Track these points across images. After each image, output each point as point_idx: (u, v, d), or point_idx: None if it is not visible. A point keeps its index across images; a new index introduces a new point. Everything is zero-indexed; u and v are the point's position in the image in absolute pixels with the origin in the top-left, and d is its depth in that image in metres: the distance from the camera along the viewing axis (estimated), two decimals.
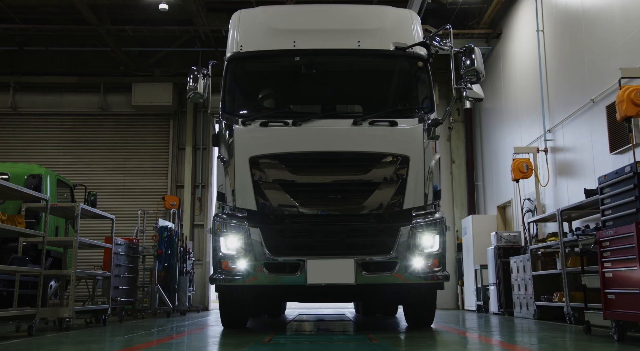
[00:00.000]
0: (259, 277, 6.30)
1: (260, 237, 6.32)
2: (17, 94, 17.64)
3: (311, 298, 7.64)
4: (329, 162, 6.39)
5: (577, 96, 10.24)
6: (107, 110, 17.76)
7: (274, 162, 6.35)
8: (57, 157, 17.49)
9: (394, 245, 6.38)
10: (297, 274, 6.27)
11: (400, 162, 6.42)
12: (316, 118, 6.56)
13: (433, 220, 6.53)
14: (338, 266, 6.27)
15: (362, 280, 6.29)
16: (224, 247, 6.42)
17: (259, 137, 6.46)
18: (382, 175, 6.39)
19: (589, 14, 9.87)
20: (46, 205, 7.40)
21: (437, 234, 6.52)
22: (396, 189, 6.40)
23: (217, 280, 6.44)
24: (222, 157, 6.70)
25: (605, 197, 6.04)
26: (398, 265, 6.38)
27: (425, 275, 6.42)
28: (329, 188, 6.39)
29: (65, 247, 8.70)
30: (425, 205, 6.51)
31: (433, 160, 6.67)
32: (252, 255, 6.33)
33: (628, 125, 7.80)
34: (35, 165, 11.36)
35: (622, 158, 8.51)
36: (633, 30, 8.38)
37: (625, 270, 5.44)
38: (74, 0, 13.89)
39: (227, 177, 6.55)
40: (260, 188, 6.34)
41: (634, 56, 8.28)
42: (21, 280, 7.54)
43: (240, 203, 6.39)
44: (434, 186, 6.62)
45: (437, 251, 6.50)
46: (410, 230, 6.42)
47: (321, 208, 6.38)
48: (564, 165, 11.03)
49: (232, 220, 6.43)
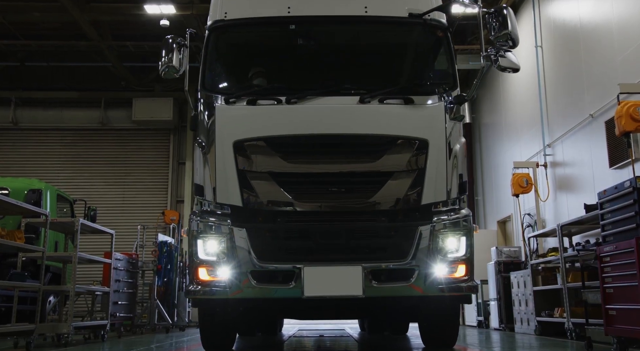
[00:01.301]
0: (245, 289, 5.19)
1: (246, 239, 5.23)
2: (18, 109, 17.71)
3: (309, 315, 6.53)
4: (331, 148, 5.34)
5: (576, 111, 10.28)
6: (107, 125, 17.82)
7: (264, 147, 5.28)
8: (57, 171, 17.51)
9: (410, 249, 5.25)
10: (292, 285, 5.15)
11: (417, 148, 5.31)
12: (315, 95, 5.44)
13: (458, 217, 5.43)
14: (342, 274, 5.20)
15: (372, 292, 5.15)
16: (202, 251, 5.31)
17: (245, 117, 5.39)
18: (395, 163, 5.30)
19: (586, 30, 9.95)
20: (46, 220, 7.39)
21: (464, 235, 5.42)
22: (412, 180, 5.29)
23: (194, 292, 5.29)
24: (200, 142, 5.58)
25: (605, 212, 6.04)
26: (416, 273, 5.24)
27: (450, 286, 5.30)
28: (331, 180, 5.33)
29: (65, 262, 8.68)
30: (448, 199, 5.40)
31: (457, 145, 5.56)
32: (236, 261, 5.20)
33: (627, 140, 7.83)
34: (35, 180, 11.37)
35: (622, 173, 8.53)
36: (631, 47, 8.44)
37: (626, 285, 5.42)
38: (75, 16, 14.00)
39: (206, 166, 5.44)
40: (247, 179, 5.25)
41: (632, 72, 8.34)
42: (20, 295, 7.51)
43: (221, 197, 5.30)
44: (458, 176, 5.49)
45: (463, 256, 5.37)
46: (431, 230, 5.30)
47: (321, 203, 5.32)
48: (563, 180, 11.04)
49: (212, 219, 5.35)
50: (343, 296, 5.19)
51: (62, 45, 16.28)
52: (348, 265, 5.21)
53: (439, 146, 5.34)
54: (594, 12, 9.72)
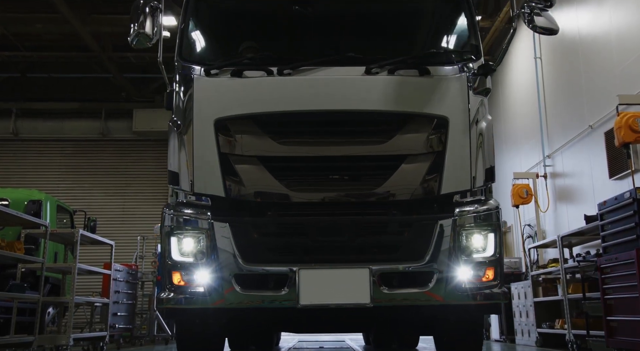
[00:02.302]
0: (228, 297, 4.34)
1: (229, 237, 4.41)
2: (19, 120, 17.75)
3: (305, 327, 5.55)
4: (332, 127, 4.52)
5: (576, 122, 10.31)
6: (107, 136, 17.85)
7: (251, 126, 4.45)
8: (58, 182, 17.52)
9: (427, 248, 4.42)
10: (284, 291, 4.30)
11: (435, 127, 4.49)
12: (313, 65, 4.59)
13: (485, 210, 4.59)
14: (345, 279, 4.35)
15: (382, 300, 4.31)
16: (176, 251, 4.47)
17: (229, 91, 4.57)
18: (408, 146, 4.48)
19: (585, 41, 10.00)
20: (46, 231, 7.39)
21: (491, 231, 4.58)
22: (429, 165, 4.46)
23: (166, 301, 4.40)
24: (176, 121, 4.81)
25: (605, 223, 6.04)
26: (434, 277, 4.39)
27: (476, 293, 4.44)
28: (331, 165, 4.50)
29: (64, 273, 8.66)
30: (473, 188, 4.57)
31: (483, 123, 4.70)
32: (217, 263, 4.37)
33: (627, 151, 7.84)
34: (35, 190, 11.38)
35: (622, 184, 8.53)
36: (630, 58, 8.48)
37: (627, 296, 5.41)
38: (76, 28, 14.08)
39: (182, 149, 4.64)
40: (230, 165, 4.43)
41: (631, 83, 8.37)
42: (19, 306, 7.49)
43: (200, 186, 4.49)
44: (484, 161, 4.63)
45: (491, 256, 4.51)
46: (452, 225, 4.48)
47: (320, 193, 4.48)
48: (563, 190, 11.05)
49: (189, 212, 4.55)
50: (347, 305, 4.33)
51: (63, 56, 16.35)
52: (353, 267, 4.37)
53: (460, 124, 4.53)
54: (592, 23, 9.78)
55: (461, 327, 5.05)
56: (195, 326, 4.93)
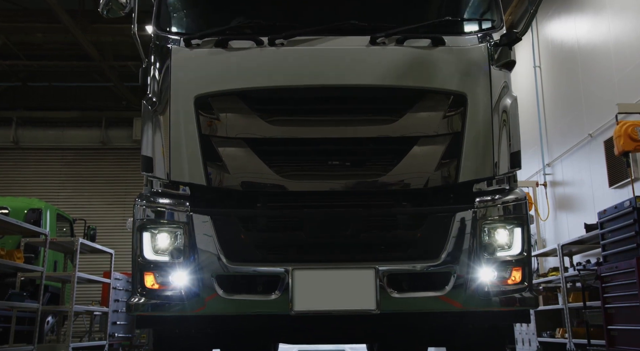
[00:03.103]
0: (210, 303, 3.77)
1: (211, 232, 3.84)
2: (19, 129, 17.79)
3: (299, 337, 4.68)
4: (332, 105, 3.96)
5: (575, 131, 10.33)
6: (108, 144, 17.88)
7: (238, 104, 3.91)
8: (58, 191, 17.53)
9: (443, 245, 3.83)
10: (275, 295, 3.71)
11: (451, 105, 3.94)
12: (310, 34, 3.98)
13: (510, 201, 3.99)
14: (347, 281, 3.76)
15: (390, 306, 3.71)
16: (149, 248, 3.89)
17: (212, 64, 4.00)
18: (420, 126, 3.91)
19: (584, 50, 10.04)
20: (45, 240, 7.39)
21: (518, 225, 3.96)
22: (445, 149, 3.90)
23: (136, 307, 3.79)
24: (150, 98, 4.19)
25: (606, 231, 6.05)
26: (452, 279, 3.79)
27: (500, 298, 3.81)
28: (331, 148, 3.94)
29: (64, 281, 8.65)
30: (496, 175, 4.01)
31: (507, 101, 4.16)
32: (197, 263, 3.80)
33: (626, 160, 7.86)
34: (35, 199, 11.39)
35: (622, 192, 8.54)
36: (628, 67, 8.52)
37: (628, 305, 5.40)
38: (77, 37, 14.14)
39: (157, 131, 4.01)
40: (213, 148, 3.89)
41: (630, 92, 8.40)
42: (18, 315, 7.47)
43: (177, 173, 3.92)
44: (509, 144, 4.13)
45: (518, 255, 3.90)
46: (473, 218, 3.88)
47: (318, 181, 3.92)
48: (563, 199, 11.05)
49: (164, 203, 3.95)
50: (348, 311, 3.72)
51: (64, 65, 16.41)
52: (356, 267, 3.78)
53: (481, 102, 3.99)
54: (591, 33, 9.82)
55: (482, 338, 4.33)
56: (175, 337, 4.25)
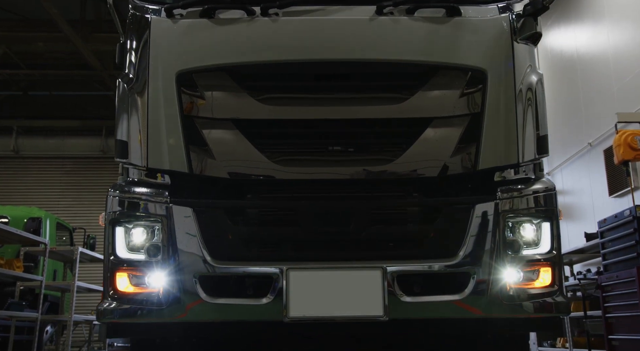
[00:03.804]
0: (192, 308, 3.28)
1: (194, 226, 3.36)
2: (20, 138, 17.82)
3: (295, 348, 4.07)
4: (333, 82, 3.49)
5: (575, 140, 10.35)
6: (108, 153, 17.89)
7: (226, 82, 3.45)
8: (58, 199, 17.53)
9: (461, 241, 3.36)
10: (267, 299, 3.23)
11: (469, 82, 3.48)
12: (307, 4, 3.59)
13: (538, 191, 3.53)
14: (350, 282, 3.26)
15: (400, 312, 3.23)
16: (122, 246, 3.43)
17: (197, 36, 3.56)
18: (434, 106, 3.46)
19: (584, 59, 10.07)
20: (45, 249, 7.38)
21: (546, 219, 3.49)
22: (462, 132, 3.45)
23: (107, 313, 3.31)
24: (127, 74, 3.68)
25: (606, 240, 6.04)
26: (471, 280, 3.32)
27: (527, 303, 3.34)
28: (333, 131, 3.48)
29: (63, 291, 8.63)
30: (521, 163, 3.53)
31: (532, 78, 3.63)
32: (177, 262, 3.33)
33: (626, 169, 7.86)
34: (35, 208, 11.38)
35: (622, 201, 8.53)
36: (627, 76, 8.54)
37: (629, 315, 5.39)
38: (78, 46, 14.19)
39: (134, 111, 3.55)
40: (197, 130, 3.43)
41: (629, 101, 8.42)
42: (17, 325, 7.45)
43: (156, 160, 3.48)
44: (535, 127, 3.59)
45: (547, 253, 3.43)
46: (494, 211, 3.42)
47: (317, 168, 3.45)
48: (563, 208, 11.04)
49: (140, 193, 3.54)
50: (351, 318, 3.23)
51: (64, 74, 16.46)
52: (360, 267, 3.29)
53: (502, 79, 3.53)
54: (590, 42, 9.86)
55: (503, 349, 3.86)
56: (154, 347, 3.74)
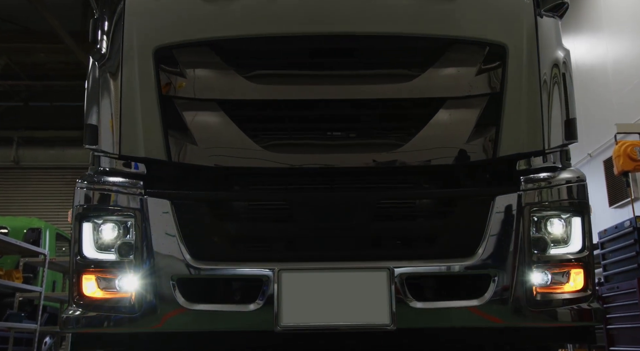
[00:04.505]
0: (169, 316, 2.84)
1: (172, 221, 2.91)
2: (20, 149, 17.85)
3: None
4: (333, 58, 3.08)
5: (575, 150, 10.28)
6: None
7: (211, 58, 3.02)
8: (58, 210, 17.51)
9: (479, 239, 2.92)
10: (256, 305, 2.78)
11: (487, 58, 3.05)
12: None
13: (566, 181, 3.14)
14: (351, 285, 2.82)
15: (409, 320, 2.77)
16: (90, 244, 2.96)
17: (178, 7, 3.14)
18: (447, 85, 3.03)
19: (583, 71, 10.11)
20: (44, 260, 7.36)
21: (576, 214, 3.11)
22: (480, 114, 3.01)
23: (72, 321, 2.84)
24: (98, 50, 3.25)
25: (606, 251, 6.03)
26: (492, 284, 2.87)
27: (557, 310, 2.91)
28: (332, 113, 3.05)
29: (63, 302, 8.60)
30: (546, 149, 3.11)
31: (558, 55, 3.22)
32: (152, 262, 2.87)
33: (626, 179, 7.87)
34: (35, 218, 11.38)
35: (622, 212, 8.53)
36: (626, 87, 8.57)
37: (630, 326, 5.37)
38: (79, 57, 14.25)
39: (105, 92, 3.14)
40: (177, 113, 3.00)
41: (629, 112, 8.44)
42: (16, 336, 7.42)
43: (130, 146, 3.05)
44: (562, 110, 3.17)
45: (578, 252, 3.03)
46: (518, 203, 2.97)
47: (314, 155, 3.02)
48: None
49: (111, 183, 3.09)
50: (353, 326, 2.77)
51: (65, 85, 16.53)
52: (363, 268, 2.85)
53: (525, 55, 3.08)
54: (589, 54, 9.91)
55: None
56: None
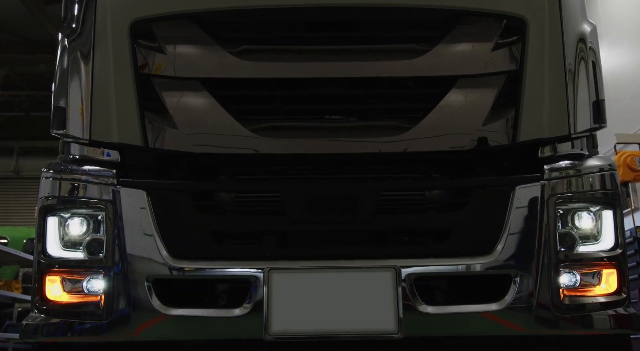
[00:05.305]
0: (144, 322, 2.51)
1: (148, 215, 2.57)
2: (21, 159, 17.90)
3: None
4: (331, 31, 2.74)
5: None
6: None
7: (193, 32, 2.70)
8: None
9: (498, 234, 2.58)
10: (242, 311, 2.47)
11: (504, 33, 2.72)
12: None
13: (595, 170, 2.74)
14: (352, 287, 2.48)
15: (418, 327, 2.45)
16: (55, 241, 2.65)
17: None
18: (459, 63, 2.71)
19: None
20: None
21: (608, 206, 2.73)
22: (497, 95, 2.68)
23: (33, 330, 2.54)
24: (69, 25, 2.94)
25: None
26: (512, 285, 2.53)
27: (587, 315, 2.58)
28: (330, 93, 2.74)
29: None
30: (572, 134, 2.74)
31: (584, 30, 2.87)
32: (125, 261, 2.54)
33: (626, 190, 7.89)
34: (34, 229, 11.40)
35: None
36: (626, 98, 8.61)
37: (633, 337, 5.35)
38: None
39: (75, 71, 2.89)
40: (155, 93, 2.69)
41: (628, 122, 8.47)
42: (14, 348, 7.40)
43: (101, 130, 2.73)
44: (589, 89, 2.80)
45: (610, 250, 2.65)
46: (541, 194, 2.62)
47: (308, 140, 2.69)
48: None
49: (79, 172, 2.75)
50: (354, 334, 2.43)
51: None
52: (366, 266, 2.53)
53: (546, 30, 2.74)
54: None
55: None
56: None
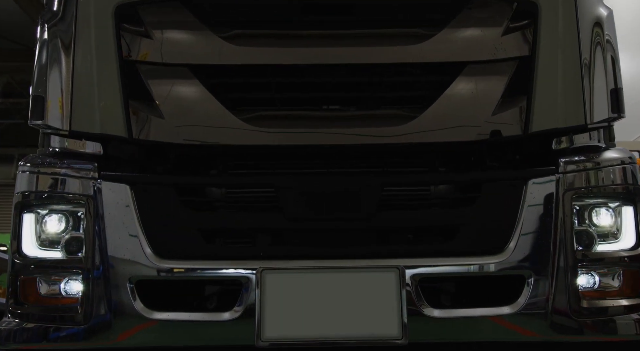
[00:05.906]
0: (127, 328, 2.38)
1: (132, 211, 2.43)
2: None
3: None
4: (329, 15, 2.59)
5: None
6: None
7: (182, 15, 2.55)
8: None
9: (510, 232, 2.42)
10: (232, 314, 2.32)
11: (514, 16, 2.57)
12: None
13: (614, 163, 2.60)
14: (351, 289, 2.32)
15: (423, 332, 2.29)
16: (32, 239, 2.47)
17: None
18: (467, 48, 2.55)
19: None
20: None
21: (627, 202, 2.52)
22: (508, 82, 2.53)
23: (7, 336, 2.39)
24: (50, 9, 2.71)
25: None
26: (526, 288, 2.37)
27: (608, 320, 2.41)
28: (328, 81, 2.57)
29: None
30: (589, 124, 2.63)
31: (600, 13, 2.74)
32: (107, 261, 2.39)
33: None
34: None
35: None
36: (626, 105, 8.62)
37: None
38: None
39: (55, 58, 2.60)
40: (141, 81, 2.52)
41: (629, 130, 8.48)
42: None
43: (83, 120, 2.54)
44: (606, 77, 2.72)
45: (631, 250, 2.46)
46: (556, 189, 2.47)
47: (305, 131, 2.54)
48: None
49: (58, 165, 2.60)
50: (354, 340, 2.27)
51: None
52: (367, 267, 2.37)
53: (560, 13, 2.59)
54: None
55: None
56: None
